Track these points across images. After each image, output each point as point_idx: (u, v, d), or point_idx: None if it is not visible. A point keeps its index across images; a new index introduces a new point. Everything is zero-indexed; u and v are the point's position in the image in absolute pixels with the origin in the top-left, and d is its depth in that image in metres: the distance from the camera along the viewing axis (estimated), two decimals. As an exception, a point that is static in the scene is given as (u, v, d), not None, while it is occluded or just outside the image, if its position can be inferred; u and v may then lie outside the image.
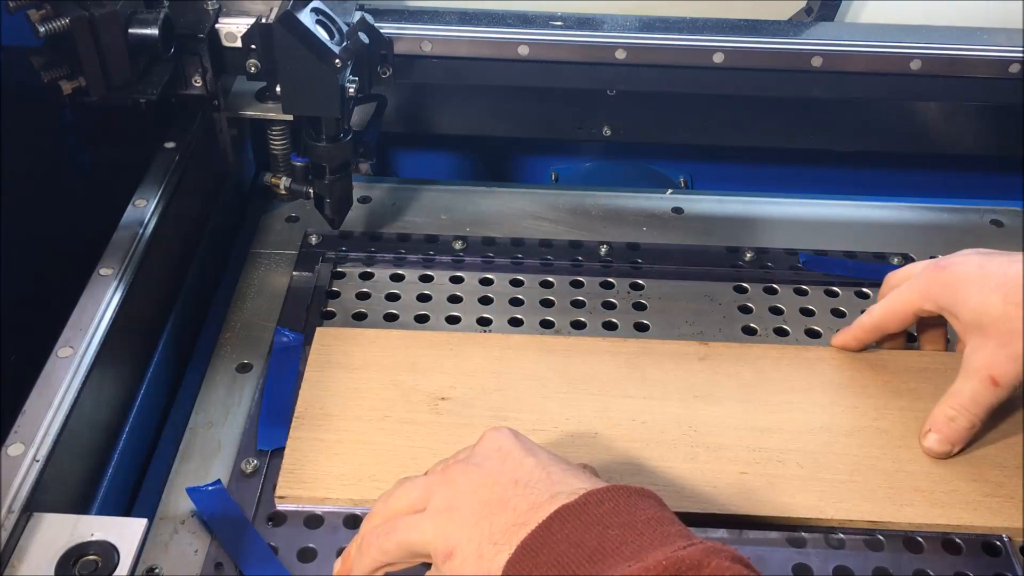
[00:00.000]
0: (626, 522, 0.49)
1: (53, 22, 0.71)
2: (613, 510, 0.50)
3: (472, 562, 0.51)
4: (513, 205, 0.94)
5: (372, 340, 0.76)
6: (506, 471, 0.54)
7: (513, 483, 0.53)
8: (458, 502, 0.53)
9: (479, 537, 0.51)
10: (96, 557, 0.57)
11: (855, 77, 0.87)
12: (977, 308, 0.66)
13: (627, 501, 0.51)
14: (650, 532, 0.49)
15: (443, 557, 0.52)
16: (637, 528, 0.49)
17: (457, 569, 0.51)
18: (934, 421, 0.68)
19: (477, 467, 0.54)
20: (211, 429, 0.71)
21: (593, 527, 0.49)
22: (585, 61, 0.87)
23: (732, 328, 0.81)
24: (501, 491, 0.52)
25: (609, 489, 0.51)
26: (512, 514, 0.51)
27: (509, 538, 0.50)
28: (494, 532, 0.51)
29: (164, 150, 0.84)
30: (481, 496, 0.53)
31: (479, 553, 0.51)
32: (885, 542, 0.64)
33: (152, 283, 0.75)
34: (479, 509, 0.52)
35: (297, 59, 0.74)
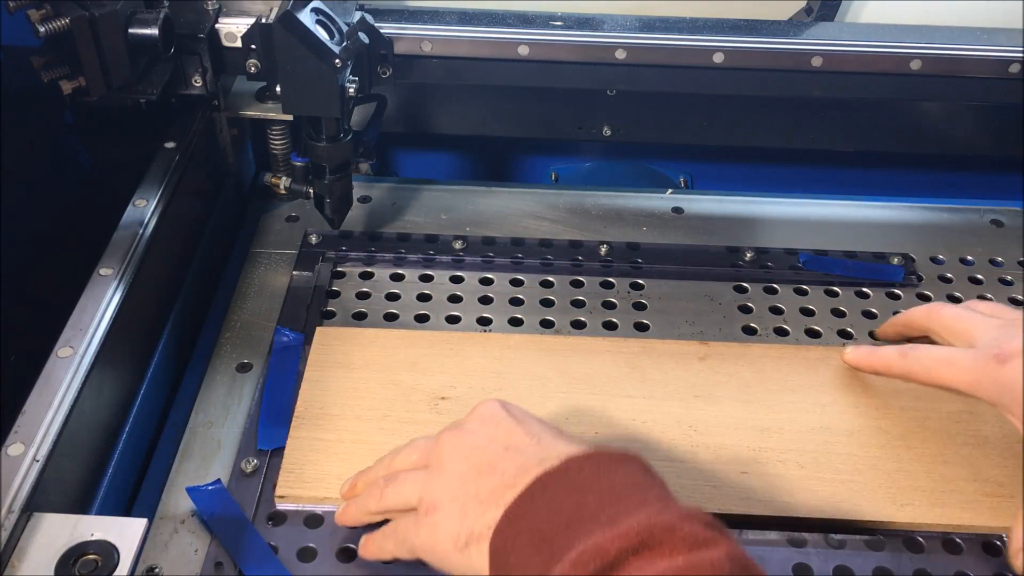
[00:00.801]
0: (605, 488, 0.50)
1: (53, 22, 0.71)
2: (594, 475, 0.51)
3: (455, 519, 0.54)
4: (513, 205, 0.94)
5: (372, 340, 0.76)
6: (497, 437, 0.56)
7: (503, 448, 0.55)
8: (446, 464, 0.56)
9: (464, 496, 0.54)
10: (96, 557, 0.57)
11: (855, 77, 0.87)
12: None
13: (608, 466, 0.52)
14: (628, 497, 0.50)
15: (425, 510, 0.55)
16: (616, 493, 0.50)
17: (438, 523, 0.54)
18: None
19: (469, 433, 0.57)
20: (211, 429, 0.71)
21: (573, 493, 0.50)
22: (585, 61, 0.87)
23: (732, 328, 0.81)
24: (490, 456, 0.55)
25: (591, 455, 0.53)
26: (500, 477, 0.53)
27: (496, 499, 0.53)
28: (480, 492, 0.54)
29: (164, 150, 0.84)
30: (471, 460, 0.55)
31: (463, 511, 0.54)
32: (885, 542, 0.64)
33: (152, 283, 0.75)
34: (466, 472, 0.55)
35: (297, 59, 0.74)
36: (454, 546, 0.54)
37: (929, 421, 0.71)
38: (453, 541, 0.54)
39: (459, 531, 0.54)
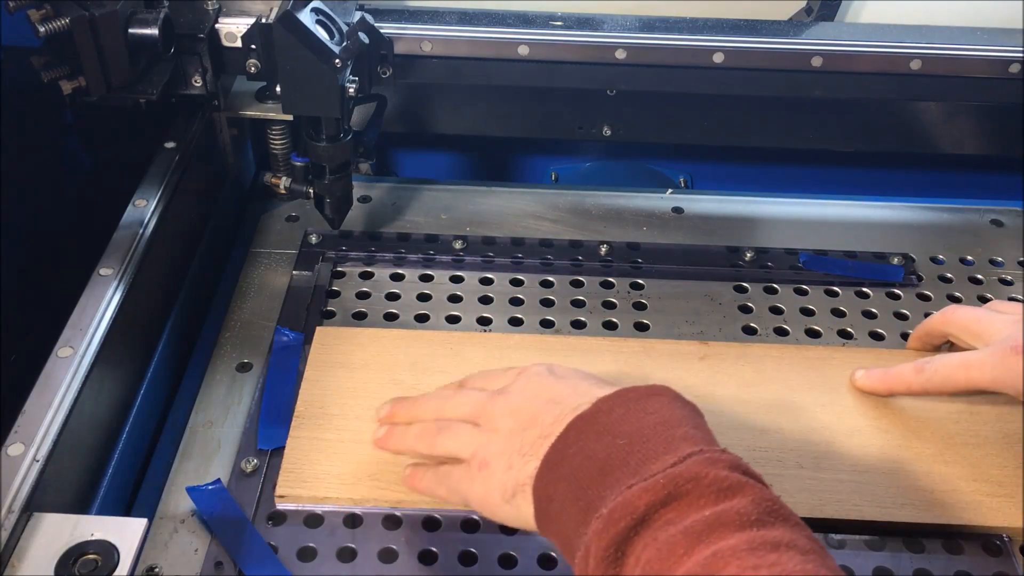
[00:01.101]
0: (634, 430, 0.52)
1: (53, 22, 0.71)
2: (623, 416, 0.53)
3: (502, 473, 0.57)
4: (513, 205, 0.94)
5: (372, 339, 0.76)
6: (540, 393, 0.59)
7: (544, 402, 0.58)
8: (497, 423, 0.59)
9: (510, 451, 0.57)
10: (96, 557, 0.57)
11: (855, 77, 0.87)
12: None
13: (636, 404, 0.54)
14: (655, 438, 0.52)
15: (478, 467, 0.58)
16: (644, 435, 0.52)
17: (489, 478, 0.57)
18: None
19: (516, 392, 0.60)
20: (211, 428, 0.71)
21: (604, 436, 0.53)
22: (585, 61, 0.87)
23: (732, 328, 0.81)
24: (533, 409, 0.58)
25: (619, 394, 0.55)
26: (539, 428, 0.56)
27: (536, 450, 0.55)
28: (523, 445, 0.56)
29: (164, 150, 0.84)
30: (517, 417, 0.58)
31: (509, 464, 0.56)
32: (885, 542, 0.64)
33: (152, 283, 0.75)
34: (513, 427, 0.58)
35: (297, 59, 0.74)
36: (502, 497, 0.56)
37: (929, 421, 0.71)
38: (501, 493, 0.57)
39: (506, 483, 0.56)
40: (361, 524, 0.64)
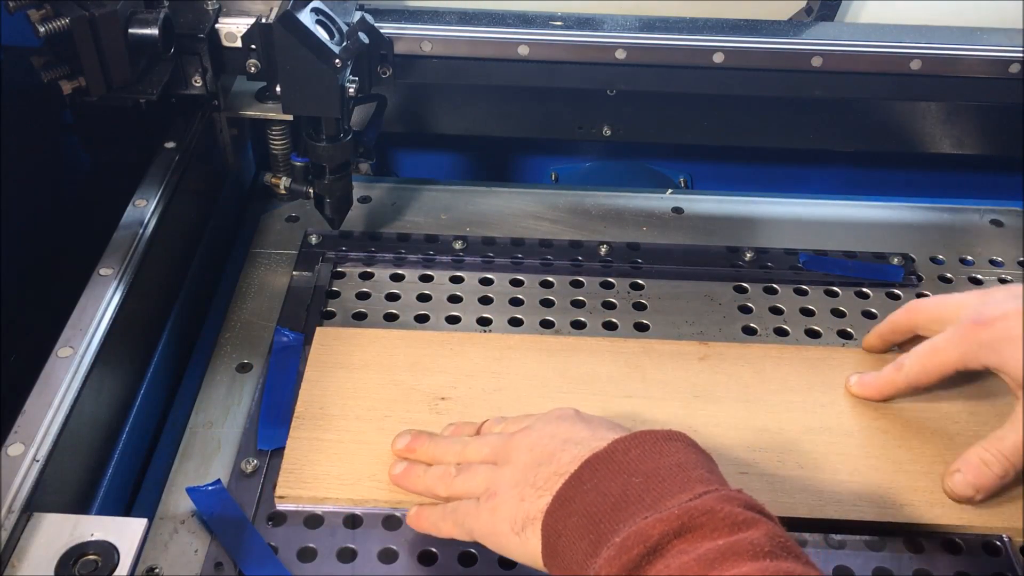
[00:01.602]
0: (650, 469, 0.53)
1: (53, 22, 0.71)
2: (639, 457, 0.54)
3: (513, 503, 0.57)
4: (513, 205, 0.94)
5: (372, 340, 0.76)
6: (559, 433, 0.59)
7: (562, 441, 0.58)
8: (513, 457, 0.59)
9: (523, 483, 0.57)
10: (96, 557, 0.57)
11: (855, 77, 0.87)
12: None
13: (653, 447, 0.54)
14: (671, 478, 0.52)
15: (488, 497, 0.58)
16: (660, 475, 0.52)
17: (497, 508, 0.58)
18: (965, 462, 0.64)
19: (536, 431, 0.60)
20: (211, 429, 0.71)
21: (619, 475, 0.53)
22: (585, 61, 0.87)
23: (732, 328, 0.81)
24: (552, 447, 0.58)
25: (636, 436, 0.55)
26: (555, 465, 0.57)
27: (550, 485, 0.55)
28: (537, 479, 0.57)
29: (164, 150, 0.84)
30: (534, 452, 0.58)
31: (521, 496, 0.57)
32: (885, 542, 0.64)
33: (152, 283, 0.75)
34: (528, 462, 0.58)
35: (297, 59, 0.74)
36: (511, 529, 0.56)
37: (929, 421, 0.71)
38: (510, 524, 0.57)
39: (516, 515, 0.56)
40: (361, 524, 0.64)
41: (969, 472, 0.64)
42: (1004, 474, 0.64)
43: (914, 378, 0.69)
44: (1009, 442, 0.64)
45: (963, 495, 0.65)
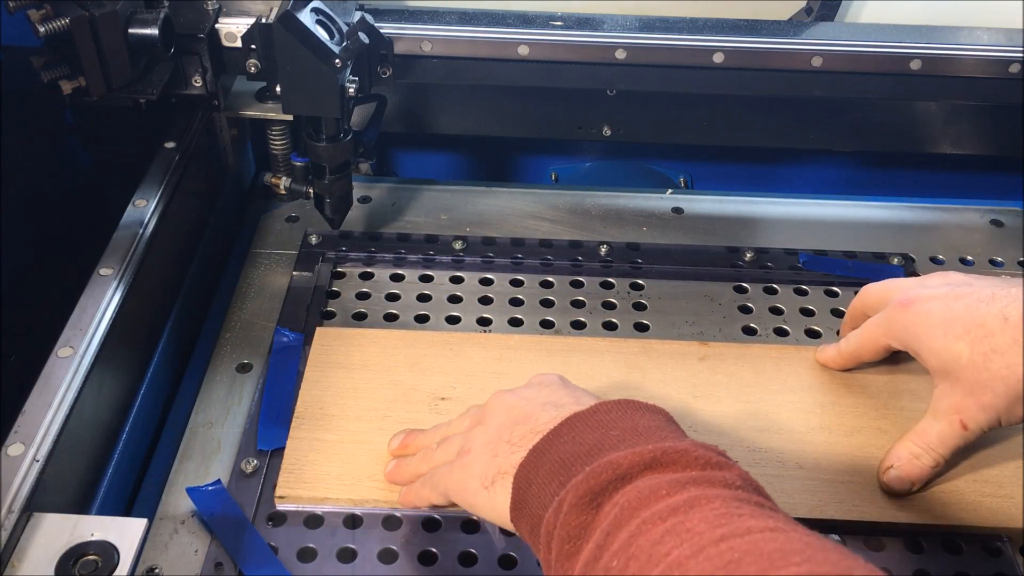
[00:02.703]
0: (629, 427, 0.53)
1: (53, 22, 0.71)
2: (619, 417, 0.54)
3: (486, 459, 0.56)
4: (513, 205, 0.94)
5: (372, 340, 0.76)
6: (540, 396, 0.59)
7: (542, 404, 0.58)
8: (488, 418, 0.59)
9: (497, 440, 0.57)
10: (96, 557, 0.57)
11: (855, 77, 0.87)
12: (943, 355, 0.63)
13: (635, 410, 0.54)
14: (649, 433, 0.52)
15: (462, 455, 0.58)
16: (638, 431, 0.52)
17: (469, 464, 0.57)
18: (897, 457, 0.65)
19: (516, 392, 0.60)
20: (211, 429, 0.71)
21: (596, 429, 0.53)
22: (585, 61, 0.87)
23: (732, 328, 0.81)
24: (530, 408, 0.58)
25: (619, 401, 0.55)
26: (532, 423, 0.56)
27: (524, 443, 0.55)
28: (512, 437, 0.56)
29: (164, 150, 0.84)
30: (512, 413, 0.58)
31: (494, 452, 0.56)
32: (885, 542, 0.64)
33: (152, 283, 0.75)
34: (505, 421, 0.58)
35: (297, 59, 0.74)
36: (481, 484, 0.56)
37: (929, 421, 0.71)
38: (480, 479, 0.56)
39: (487, 470, 0.56)
40: (361, 524, 0.64)
41: (902, 467, 0.65)
42: (935, 464, 0.65)
43: (854, 350, 0.72)
44: (934, 433, 0.65)
45: (899, 490, 0.66)
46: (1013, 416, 0.62)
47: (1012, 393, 0.61)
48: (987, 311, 0.62)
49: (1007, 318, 0.61)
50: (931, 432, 0.65)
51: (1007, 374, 0.61)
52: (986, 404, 0.62)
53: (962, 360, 0.62)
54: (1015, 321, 0.60)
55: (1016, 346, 0.60)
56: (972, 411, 0.63)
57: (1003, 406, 0.62)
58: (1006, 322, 0.61)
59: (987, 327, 0.61)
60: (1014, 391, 0.61)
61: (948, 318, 0.63)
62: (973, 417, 0.63)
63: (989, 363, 0.61)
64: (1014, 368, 0.60)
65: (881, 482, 0.66)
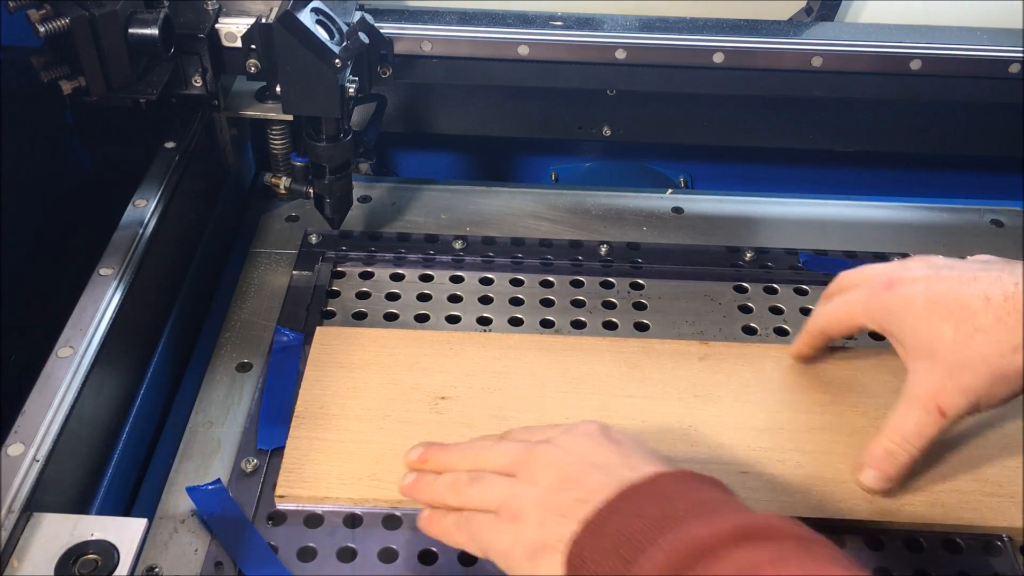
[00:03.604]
0: (693, 499, 0.50)
1: (53, 22, 0.71)
2: (682, 489, 0.51)
3: (533, 528, 0.53)
4: (513, 205, 0.94)
5: (372, 339, 0.76)
6: (586, 454, 0.56)
7: (590, 465, 0.55)
8: (536, 476, 0.55)
9: (546, 507, 0.54)
10: (96, 557, 0.57)
11: (855, 77, 0.87)
12: (926, 336, 0.63)
13: (696, 482, 0.52)
14: (716, 508, 0.50)
15: (510, 518, 0.55)
16: (704, 504, 0.50)
17: (518, 532, 0.54)
18: (871, 456, 0.65)
19: (561, 447, 0.56)
20: (211, 428, 0.71)
21: (659, 501, 0.51)
22: (585, 61, 0.87)
23: (732, 328, 0.81)
24: (577, 471, 0.55)
25: (678, 472, 0.53)
26: (580, 491, 0.53)
27: (574, 512, 0.52)
28: (560, 505, 0.53)
29: (164, 150, 0.84)
30: (559, 472, 0.55)
31: (541, 522, 0.53)
32: (885, 542, 0.64)
33: (152, 283, 0.75)
34: (553, 483, 0.54)
35: (297, 59, 0.74)
36: (524, 554, 0.54)
37: (929, 421, 0.71)
38: (524, 549, 0.54)
39: (534, 541, 0.53)
40: (361, 524, 0.64)
41: (878, 465, 0.65)
42: (911, 459, 0.64)
43: (823, 326, 0.71)
44: (911, 424, 0.64)
45: (878, 488, 0.65)
46: (991, 398, 0.62)
47: (993, 372, 0.61)
48: (969, 292, 0.61)
49: (989, 298, 0.61)
50: (907, 423, 0.64)
51: (988, 352, 0.60)
52: (966, 386, 0.61)
53: (945, 340, 0.62)
54: (997, 301, 0.60)
55: (998, 324, 0.60)
56: (951, 394, 0.62)
57: (983, 387, 0.61)
58: (988, 302, 0.61)
59: (970, 307, 0.61)
60: (995, 369, 0.60)
61: (931, 299, 0.63)
62: (952, 401, 0.62)
63: (972, 342, 0.61)
64: (996, 345, 0.60)
65: (858, 482, 0.65)
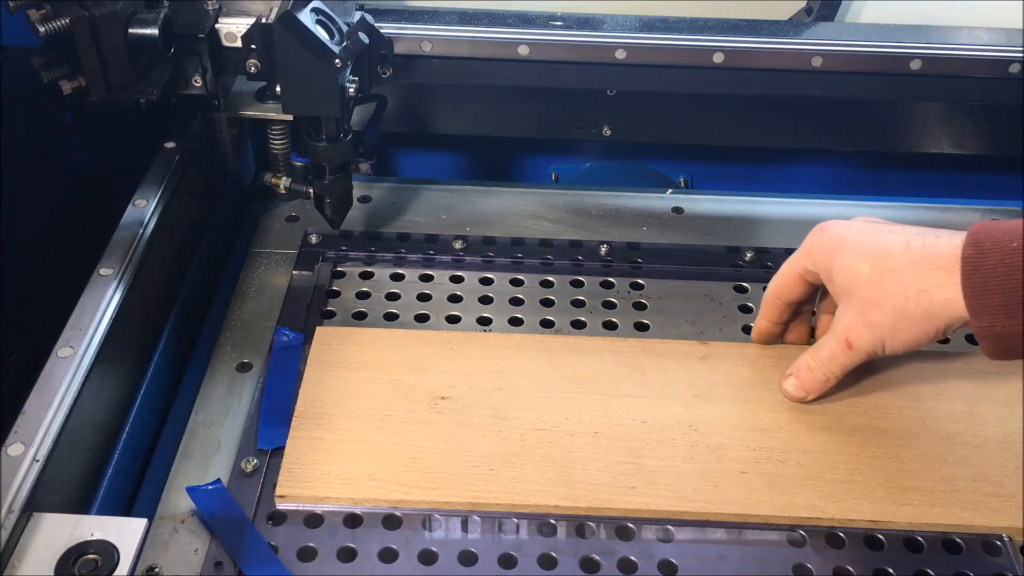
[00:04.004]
0: None
1: (53, 22, 0.71)
2: None
3: None
4: (513, 205, 0.94)
5: (372, 339, 0.76)
6: None
7: None
8: None
9: None
10: (96, 556, 0.57)
11: (855, 77, 0.87)
12: (846, 273, 0.67)
13: None
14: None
15: None
16: None
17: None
18: (796, 367, 0.71)
19: None
20: (211, 428, 0.71)
21: None
22: (585, 61, 0.87)
23: (732, 328, 0.81)
24: None
25: None
26: None
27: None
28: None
29: (164, 150, 0.84)
30: None
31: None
32: (885, 542, 0.64)
33: (152, 283, 0.75)
34: None
35: (297, 59, 0.74)
36: None
37: (929, 421, 0.71)
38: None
39: None
40: (361, 524, 0.64)
41: (798, 376, 0.71)
42: (826, 379, 0.70)
43: (773, 288, 0.74)
44: (826, 350, 0.69)
45: (795, 397, 0.72)
46: (895, 339, 0.66)
47: (898, 310, 0.65)
48: (894, 238, 0.66)
49: (909, 244, 0.65)
50: (824, 349, 0.70)
51: (896, 291, 0.64)
52: (872, 322, 0.66)
53: (861, 278, 0.66)
54: (915, 247, 0.65)
55: (910, 267, 0.64)
56: (858, 328, 0.67)
57: (888, 324, 0.66)
58: (907, 247, 0.65)
59: (889, 250, 0.66)
60: (900, 308, 0.64)
61: (858, 240, 0.68)
62: (858, 335, 0.67)
63: (884, 281, 0.65)
64: (904, 287, 0.64)
65: (781, 389, 0.72)
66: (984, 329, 0.62)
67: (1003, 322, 0.61)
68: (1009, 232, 0.61)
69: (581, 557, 0.63)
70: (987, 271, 0.61)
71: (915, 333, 0.65)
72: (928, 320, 0.64)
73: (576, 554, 0.63)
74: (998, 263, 0.60)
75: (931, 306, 0.63)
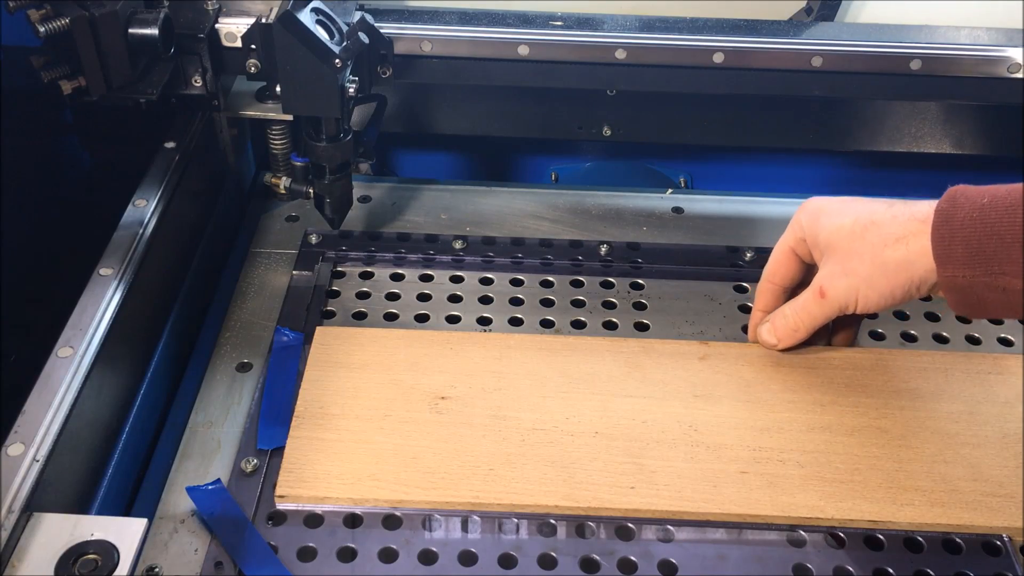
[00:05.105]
0: None
1: (53, 22, 0.71)
2: None
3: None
4: (513, 205, 0.94)
5: (372, 339, 0.76)
6: None
7: None
8: None
9: None
10: (96, 556, 0.57)
11: (855, 77, 0.87)
12: (829, 230, 0.69)
13: None
14: None
15: None
16: None
17: None
18: (773, 315, 0.74)
19: None
20: (211, 428, 0.71)
21: None
22: (585, 61, 0.87)
23: (732, 328, 0.81)
24: None
25: None
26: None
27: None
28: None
29: (164, 150, 0.84)
30: None
31: None
32: (885, 542, 0.64)
33: (152, 283, 0.75)
34: None
35: (297, 59, 0.74)
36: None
37: (929, 421, 0.71)
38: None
39: None
40: (361, 524, 0.64)
41: (773, 322, 0.74)
42: (795, 328, 0.73)
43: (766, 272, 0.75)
44: (800, 301, 0.72)
45: (768, 343, 0.75)
46: (871, 290, 0.67)
47: (875, 259, 0.66)
48: (879, 205, 0.69)
49: (892, 205, 0.68)
50: (799, 300, 0.72)
51: (876, 240, 0.66)
52: (849, 270, 0.68)
53: (843, 231, 0.69)
54: (898, 208, 0.67)
55: (892, 220, 0.66)
56: (835, 278, 0.69)
57: (864, 273, 0.67)
58: (890, 207, 0.68)
59: (872, 208, 0.69)
60: (877, 257, 0.66)
61: (844, 203, 0.71)
62: (832, 283, 0.69)
63: (865, 232, 0.67)
64: (883, 236, 0.66)
65: (756, 335, 0.76)
66: (948, 279, 0.63)
67: (964, 272, 0.63)
68: (984, 191, 0.64)
69: (581, 557, 0.63)
70: (956, 223, 0.63)
71: (890, 283, 0.66)
72: (903, 269, 0.65)
73: (576, 554, 0.63)
74: (967, 216, 0.63)
75: (907, 254, 0.65)
